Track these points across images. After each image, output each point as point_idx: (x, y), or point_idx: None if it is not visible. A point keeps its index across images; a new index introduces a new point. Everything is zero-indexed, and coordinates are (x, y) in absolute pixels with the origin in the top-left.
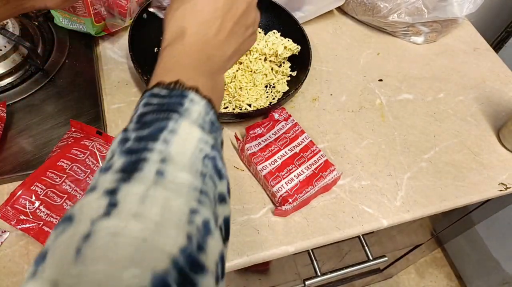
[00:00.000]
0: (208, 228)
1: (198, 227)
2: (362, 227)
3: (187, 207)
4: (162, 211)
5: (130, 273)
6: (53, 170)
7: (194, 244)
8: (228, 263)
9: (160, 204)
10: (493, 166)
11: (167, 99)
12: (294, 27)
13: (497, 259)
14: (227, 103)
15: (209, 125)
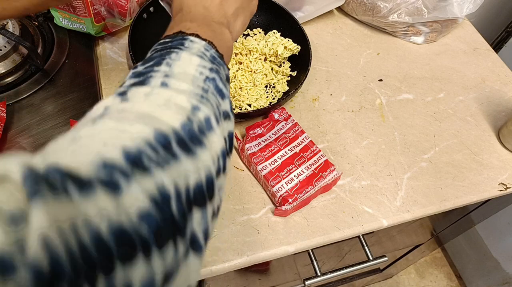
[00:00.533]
0: (209, 123)
1: (199, 119)
2: (362, 227)
3: (189, 103)
4: (166, 102)
5: (136, 127)
6: None
7: (195, 125)
8: (228, 263)
9: (164, 98)
10: (493, 166)
11: (169, 42)
12: (294, 27)
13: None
14: None
15: (209, 57)
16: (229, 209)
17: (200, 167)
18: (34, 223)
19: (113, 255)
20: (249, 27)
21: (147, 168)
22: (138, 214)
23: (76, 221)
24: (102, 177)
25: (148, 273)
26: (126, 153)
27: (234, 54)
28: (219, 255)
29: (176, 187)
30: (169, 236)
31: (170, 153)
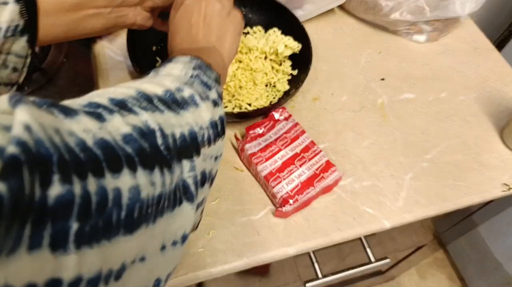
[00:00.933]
0: (193, 99)
1: (182, 95)
2: (364, 228)
3: (172, 85)
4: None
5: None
6: None
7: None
8: (228, 265)
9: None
10: (495, 166)
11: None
12: (295, 25)
13: (499, 260)
14: (227, 102)
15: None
16: (229, 210)
17: (183, 124)
18: (17, 117)
19: (100, 161)
20: (250, 25)
21: (131, 109)
22: (121, 137)
23: (59, 129)
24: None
25: (134, 185)
26: (111, 99)
27: None
28: (219, 257)
29: (160, 127)
30: (155, 163)
31: (153, 105)
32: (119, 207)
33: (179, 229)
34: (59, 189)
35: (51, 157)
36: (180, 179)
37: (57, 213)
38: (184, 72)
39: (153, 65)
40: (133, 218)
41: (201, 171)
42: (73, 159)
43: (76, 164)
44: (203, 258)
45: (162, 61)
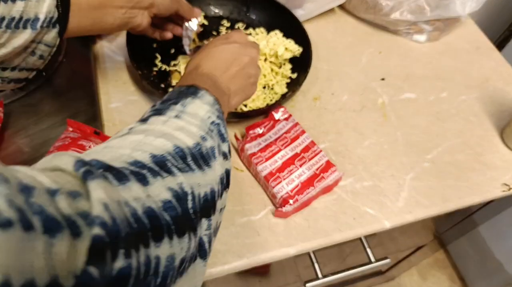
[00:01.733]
0: (213, 152)
1: (206, 146)
2: (364, 228)
3: (198, 133)
4: (180, 128)
5: (160, 141)
6: None
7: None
8: (228, 265)
9: (178, 125)
10: (496, 166)
11: (185, 91)
12: (297, 28)
13: (500, 261)
14: None
15: (215, 109)
16: (229, 211)
17: (207, 183)
18: (94, 195)
19: (147, 230)
20: (252, 26)
21: (170, 170)
22: (163, 203)
23: (120, 201)
24: (134, 170)
25: (171, 253)
26: (153, 157)
27: None
28: (219, 257)
29: (192, 191)
30: (185, 229)
31: (187, 164)
32: (156, 275)
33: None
34: (122, 263)
35: (120, 233)
36: (198, 239)
37: (117, 285)
38: (207, 116)
39: (153, 64)
40: (165, 284)
41: (214, 228)
42: (131, 232)
43: (133, 236)
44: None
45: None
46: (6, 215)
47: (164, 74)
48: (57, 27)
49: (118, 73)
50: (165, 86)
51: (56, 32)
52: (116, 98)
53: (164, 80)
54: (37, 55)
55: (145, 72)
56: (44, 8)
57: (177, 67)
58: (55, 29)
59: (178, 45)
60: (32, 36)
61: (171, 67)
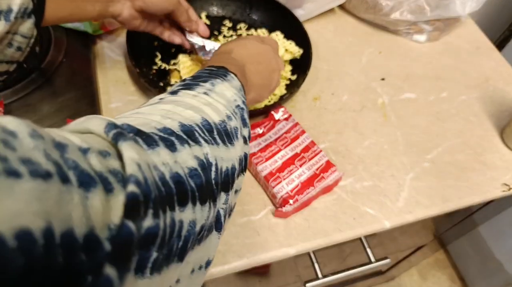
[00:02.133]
0: (236, 132)
1: (231, 125)
2: (364, 228)
3: (224, 112)
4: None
5: (188, 112)
6: None
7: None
8: (228, 265)
9: (207, 101)
10: (496, 166)
11: (215, 71)
12: (298, 30)
13: (500, 261)
14: None
15: (242, 95)
16: None
17: (229, 159)
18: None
19: (173, 195)
20: (254, 27)
21: (197, 140)
22: (189, 170)
23: (150, 165)
24: (163, 136)
25: (193, 218)
26: (181, 125)
27: None
28: (219, 258)
29: (216, 162)
30: (207, 198)
31: (212, 137)
32: (179, 238)
33: (206, 256)
34: (150, 222)
35: (151, 193)
36: (217, 210)
37: (145, 243)
38: (234, 99)
39: (153, 63)
40: (186, 248)
41: (230, 204)
42: (159, 194)
43: (160, 199)
44: None
45: None
46: (45, 167)
47: (163, 72)
48: (32, 17)
49: (118, 73)
50: (163, 85)
51: (31, 23)
52: (116, 98)
53: (163, 79)
54: (15, 46)
55: (144, 70)
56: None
57: (177, 66)
58: (30, 20)
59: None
60: (6, 28)
61: (170, 65)
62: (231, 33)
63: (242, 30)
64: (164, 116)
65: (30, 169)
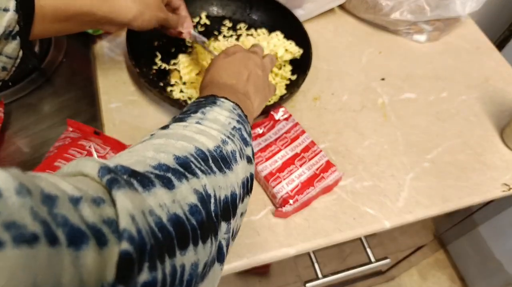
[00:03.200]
0: (235, 156)
1: (227, 150)
2: (364, 228)
3: (219, 137)
4: (201, 131)
5: (181, 143)
6: (50, 171)
7: (224, 152)
8: (228, 266)
9: (199, 129)
10: (496, 166)
11: (203, 101)
12: (298, 30)
13: (500, 261)
14: None
15: (236, 114)
16: None
17: (228, 185)
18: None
19: (173, 239)
20: (254, 27)
21: (194, 172)
22: (189, 207)
23: (145, 210)
24: (159, 174)
25: (195, 259)
26: (176, 158)
27: None
28: None
29: (214, 193)
30: (209, 232)
31: (208, 166)
32: (181, 284)
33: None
34: (147, 276)
35: (146, 246)
36: (218, 242)
37: None
38: (228, 121)
39: (152, 63)
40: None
41: (232, 232)
42: (156, 243)
43: (158, 248)
44: None
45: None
46: (31, 229)
47: (163, 72)
48: (17, 39)
49: (118, 73)
50: (163, 85)
51: (16, 44)
52: (116, 98)
53: (163, 79)
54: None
55: (144, 70)
56: (3, 22)
57: (177, 66)
58: (15, 41)
59: (179, 44)
60: None
61: (170, 65)
62: (231, 33)
63: (242, 30)
64: (157, 151)
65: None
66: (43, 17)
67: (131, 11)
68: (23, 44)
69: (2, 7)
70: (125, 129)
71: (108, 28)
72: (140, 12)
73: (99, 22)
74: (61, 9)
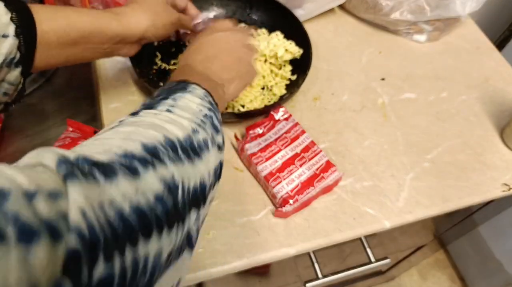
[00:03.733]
0: (206, 144)
1: (198, 139)
2: (364, 228)
3: (190, 126)
4: (171, 120)
5: (150, 132)
6: None
7: (194, 142)
8: (227, 266)
9: (169, 117)
10: (496, 166)
11: (175, 86)
12: (298, 30)
13: (500, 261)
14: None
15: (207, 101)
16: (229, 211)
17: (197, 175)
18: (72, 199)
19: (135, 230)
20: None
21: (162, 159)
22: (154, 197)
23: (103, 202)
24: (124, 163)
25: (159, 248)
26: (144, 146)
27: None
28: (218, 258)
29: (182, 181)
30: (175, 220)
31: (177, 155)
32: (144, 274)
33: (177, 277)
34: (102, 268)
35: (99, 240)
36: (187, 230)
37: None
38: (199, 109)
39: (153, 63)
40: (152, 281)
41: (201, 219)
42: (114, 235)
43: (116, 239)
44: (203, 258)
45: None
46: None
47: (163, 72)
48: (20, 67)
49: (118, 73)
50: (163, 85)
51: (19, 72)
52: (116, 98)
53: (163, 79)
54: (1, 92)
55: (144, 70)
56: (3, 49)
57: (177, 66)
58: (17, 69)
59: (179, 44)
60: None
61: (171, 65)
62: None
63: None
64: (125, 139)
65: None
66: (48, 42)
67: (142, 22)
68: (25, 72)
69: (0, 33)
70: None
71: (125, 50)
72: (152, 21)
73: (111, 42)
74: (66, 32)
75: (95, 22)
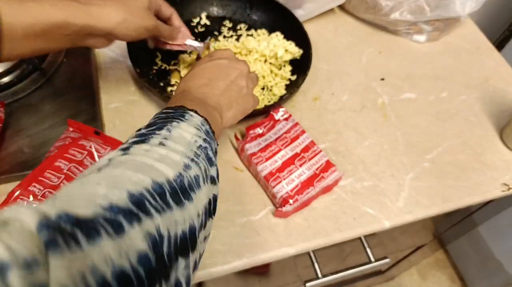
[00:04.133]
0: (198, 181)
1: (190, 175)
2: (364, 228)
3: (182, 161)
4: (162, 157)
5: (137, 176)
6: (51, 171)
7: (185, 180)
8: (227, 265)
9: (160, 154)
10: (496, 166)
11: (172, 113)
12: (298, 31)
13: (500, 261)
14: None
15: (204, 131)
16: (229, 211)
17: (186, 219)
18: (53, 276)
19: None
20: (254, 28)
21: (148, 211)
22: (137, 257)
23: (85, 271)
24: (108, 218)
25: None
26: (130, 196)
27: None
28: (218, 257)
29: (168, 231)
30: (158, 278)
31: (165, 201)
32: None
33: None
34: None
35: None
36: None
37: None
38: (194, 140)
39: (153, 63)
40: None
41: (193, 264)
42: None
43: None
44: (203, 258)
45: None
46: None
47: (163, 72)
48: None
49: (118, 73)
50: (163, 85)
51: None
52: (116, 98)
53: (163, 79)
54: None
55: (144, 70)
56: None
57: (177, 66)
58: None
59: None
60: None
61: (171, 65)
62: (231, 33)
63: (242, 31)
64: (111, 186)
65: None
66: (13, 34)
67: (112, 17)
68: None
69: None
70: (125, 129)
71: (92, 42)
72: (123, 19)
73: (78, 34)
74: (31, 23)
75: (61, 13)
